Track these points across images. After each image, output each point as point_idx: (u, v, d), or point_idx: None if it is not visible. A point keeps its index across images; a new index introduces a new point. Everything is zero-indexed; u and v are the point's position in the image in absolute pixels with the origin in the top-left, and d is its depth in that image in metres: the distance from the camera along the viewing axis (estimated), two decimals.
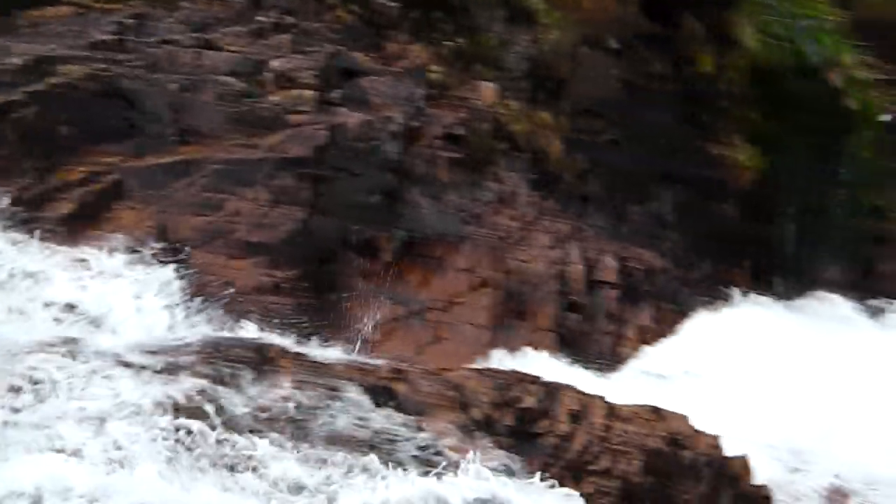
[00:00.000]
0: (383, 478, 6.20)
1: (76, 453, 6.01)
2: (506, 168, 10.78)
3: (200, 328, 8.61)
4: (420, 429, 6.81)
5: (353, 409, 6.83)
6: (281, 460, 6.21)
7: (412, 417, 6.89)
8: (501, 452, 6.86)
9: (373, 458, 6.35)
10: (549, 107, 11.25)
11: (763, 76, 12.22)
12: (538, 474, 6.71)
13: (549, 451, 7.15)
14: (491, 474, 6.45)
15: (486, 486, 6.23)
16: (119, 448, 6.04)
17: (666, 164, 11.50)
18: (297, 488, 6.04)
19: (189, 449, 6.17)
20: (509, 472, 6.59)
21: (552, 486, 6.66)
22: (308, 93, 10.44)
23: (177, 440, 6.21)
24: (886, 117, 13.08)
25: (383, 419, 6.79)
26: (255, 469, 6.12)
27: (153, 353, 7.32)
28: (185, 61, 10.53)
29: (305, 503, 5.95)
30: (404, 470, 6.27)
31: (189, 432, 6.28)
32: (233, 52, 10.71)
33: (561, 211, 10.83)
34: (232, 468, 6.12)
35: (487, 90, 11.05)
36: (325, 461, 6.27)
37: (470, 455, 6.59)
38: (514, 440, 7.10)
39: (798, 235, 12.11)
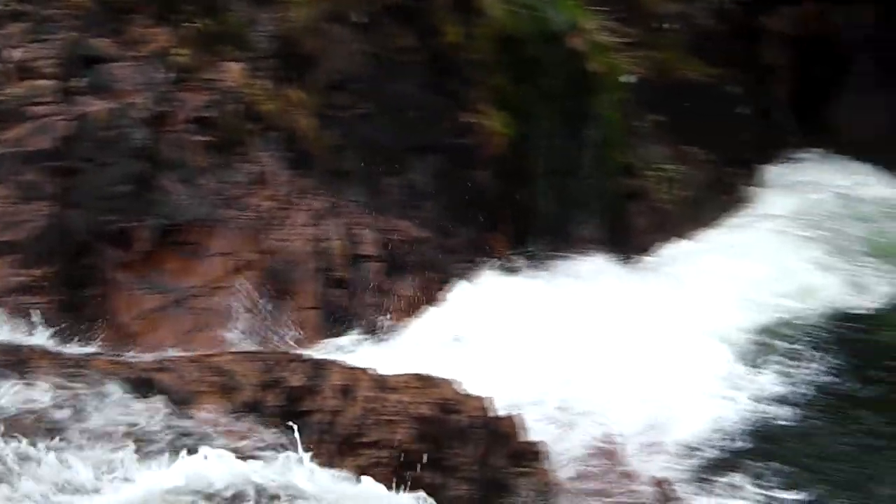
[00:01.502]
0: (145, 470, 6.10)
1: None
2: (259, 148, 10.67)
3: None
4: (185, 417, 6.72)
5: (115, 404, 6.68)
6: (39, 463, 6.02)
7: (177, 406, 6.79)
8: (271, 433, 6.83)
9: (135, 452, 6.24)
10: (299, 84, 11.16)
11: (509, 44, 12.43)
12: (308, 452, 6.70)
13: (319, 427, 7.16)
14: (260, 456, 6.44)
15: (253, 469, 6.19)
16: None
17: (419, 135, 11.57)
18: (57, 491, 5.87)
19: None
20: (279, 452, 6.58)
21: (322, 463, 6.68)
22: (49, 83, 10.05)
23: None
24: (629, 78, 13.54)
25: (146, 412, 6.67)
26: (9, 476, 5.91)
27: None
28: None
29: None
30: (168, 460, 6.18)
31: None
32: None
33: (317, 188, 10.79)
34: None
35: (235, 71, 10.89)
36: (85, 460, 6.12)
37: (238, 439, 6.56)
38: (283, 420, 7.07)
39: (553, 197, 12.38)
